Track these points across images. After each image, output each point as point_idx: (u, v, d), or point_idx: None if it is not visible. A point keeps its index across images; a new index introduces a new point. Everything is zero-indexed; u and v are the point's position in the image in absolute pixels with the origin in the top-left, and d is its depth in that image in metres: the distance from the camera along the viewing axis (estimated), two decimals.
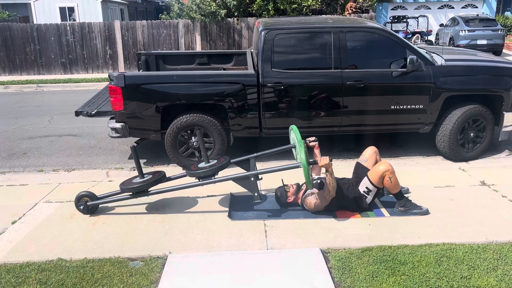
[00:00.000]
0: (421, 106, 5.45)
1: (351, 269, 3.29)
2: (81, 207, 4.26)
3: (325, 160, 3.82)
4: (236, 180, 4.16)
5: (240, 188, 4.33)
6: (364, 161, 4.33)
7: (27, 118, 8.86)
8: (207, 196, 4.63)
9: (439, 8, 22.22)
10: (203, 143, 4.36)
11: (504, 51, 17.76)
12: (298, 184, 4.33)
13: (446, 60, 5.57)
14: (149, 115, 5.37)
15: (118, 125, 5.40)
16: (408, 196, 4.30)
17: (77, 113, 5.70)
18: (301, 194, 4.25)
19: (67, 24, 15.07)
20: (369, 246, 3.57)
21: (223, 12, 14.57)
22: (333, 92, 5.37)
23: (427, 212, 4.11)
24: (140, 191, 4.23)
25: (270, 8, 14.80)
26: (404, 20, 18.98)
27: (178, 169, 5.59)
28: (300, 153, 3.77)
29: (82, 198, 4.26)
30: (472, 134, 5.56)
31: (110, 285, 3.17)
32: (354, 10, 15.14)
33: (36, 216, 4.29)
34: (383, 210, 4.20)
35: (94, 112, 5.62)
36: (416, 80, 5.37)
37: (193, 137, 5.48)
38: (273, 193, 4.59)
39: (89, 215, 4.27)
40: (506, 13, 24.81)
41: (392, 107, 5.46)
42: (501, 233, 3.73)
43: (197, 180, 4.22)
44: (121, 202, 4.46)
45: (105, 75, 14.06)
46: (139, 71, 6.89)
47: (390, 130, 5.76)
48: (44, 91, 12.71)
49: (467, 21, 16.90)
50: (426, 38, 18.07)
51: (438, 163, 5.63)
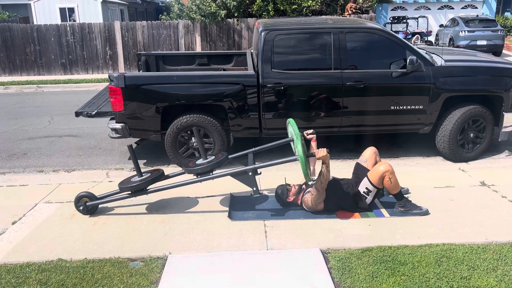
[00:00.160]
0: (421, 107, 5.46)
1: (351, 270, 3.29)
2: (81, 208, 4.26)
3: (323, 152, 3.81)
4: (234, 175, 4.15)
5: (240, 189, 4.34)
6: (364, 162, 4.34)
7: (27, 119, 8.87)
8: (207, 197, 4.63)
9: (439, 9, 22.25)
10: (201, 140, 4.35)
11: (504, 52, 17.77)
12: (300, 186, 4.32)
13: (446, 61, 5.58)
14: (149, 116, 5.38)
15: (118, 126, 5.40)
16: (408, 197, 4.31)
17: (77, 114, 5.71)
18: (301, 195, 4.25)
19: (67, 25, 15.08)
20: (369, 247, 3.57)
21: (223, 13, 14.58)
22: (333, 93, 5.38)
23: (427, 213, 4.11)
24: (139, 190, 4.23)
25: (270, 9, 14.81)
26: (404, 21, 18.99)
27: (178, 170, 5.58)
28: (297, 146, 3.77)
29: (82, 199, 4.27)
30: (472, 135, 5.57)
31: (110, 286, 3.17)
32: (354, 11, 15.15)
33: (36, 217, 4.29)
34: (383, 211, 4.21)
35: (94, 113, 5.63)
36: (416, 81, 5.37)
37: (193, 138, 5.48)
38: (273, 194, 4.60)
39: (89, 216, 4.27)
40: (506, 14, 24.83)
41: (392, 108, 5.46)
42: (501, 234, 3.74)
43: (196, 177, 4.23)
44: (121, 203, 4.47)
45: (105, 76, 14.07)
46: (139, 72, 6.90)
47: (390, 131, 5.77)
48: (44, 92, 12.71)
49: (467, 22, 16.91)
50: (426, 39, 18.08)
51: (438, 164, 5.64)
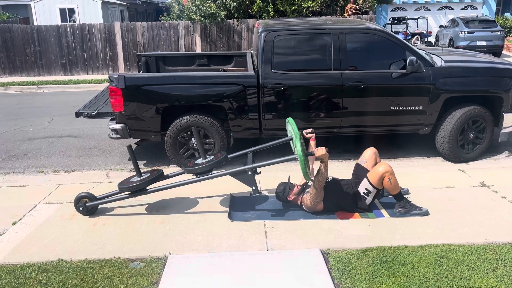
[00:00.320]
0: (421, 107, 5.46)
1: (351, 270, 3.29)
2: (81, 208, 4.26)
3: (322, 151, 3.80)
4: (234, 175, 4.16)
5: (240, 189, 4.34)
6: (364, 162, 4.34)
7: (27, 119, 8.87)
8: (207, 197, 4.63)
9: (439, 10, 22.27)
10: (200, 140, 4.35)
11: (504, 52, 17.78)
12: (303, 187, 4.32)
13: (446, 61, 5.59)
14: (149, 116, 5.38)
15: (118, 126, 5.41)
16: (408, 197, 4.31)
17: (77, 114, 5.71)
18: (302, 195, 4.24)
19: (67, 26, 15.09)
20: (369, 247, 3.57)
21: (223, 14, 14.58)
22: (333, 93, 5.38)
23: (427, 213, 4.11)
24: (138, 190, 4.23)
25: (270, 10, 14.81)
26: (404, 22, 19.00)
27: (178, 170, 5.58)
28: (296, 145, 3.78)
29: (81, 199, 4.27)
30: (472, 135, 5.57)
31: (111, 286, 3.18)
32: (354, 12, 15.15)
33: (37, 217, 4.29)
34: (383, 211, 4.21)
35: (95, 113, 5.64)
36: (416, 81, 5.37)
37: (193, 138, 5.49)
38: (273, 194, 4.60)
39: (89, 216, 4.27)
40: (506, 14, 24.86)
41: (392, 108, 5.47)
42: (501, 234, 3.74)
43: (195, 177, 4.23)
44: (121, 203, 4.47)
45: (105, 76, 14.07)
46: (139, 73, 6.90)
47: (390, 131, 5.77)
48: (44, 92, 12.72)
49: (467, 23, 16.92)
50: (426, 40, 18.09)
51: (438, 164, 5.64)
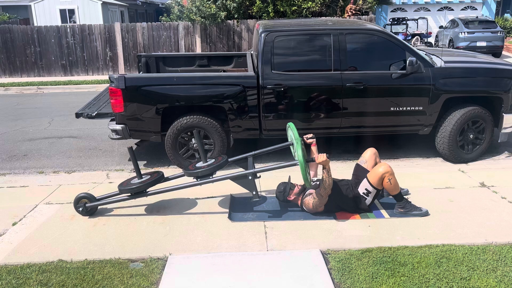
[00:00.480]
0: (421, 108, 5.47)
1: (351, 270, 3.29)
2: (80, 209, 4.27)
3: (323, 157, 3.81)
4: (234, 179, 4.16)
5: (240, 190, 4.34)
6: (364, 163, 4.34)
7: (28, 120, 8.88)
8: (207, 198, 4.64)
9: (439, 10, 22.28)
10: (201, 143, 4.36)
11: (504, 53, 17.79)
12: (303, 188, 4.33)
13: (446, 62, 5.59)
14: (150, 117, 5.39)
15: (119, 127, 5.41)
16: (408, 198, 4.32)
17: (78, 115, 5.72)
18: (302, 196, 4.25)
19: (68, 26, 15.10)
20: (369, 247, 3.58)
21: (223, 14, 14.59)
22: (333, 94, 5.39)
23: (427, 214, 4.11)
24: (139, 192, 4.24)
25: (270, 10, 14.82)
26: (404, 22, 19.02)
27: (178, 171, 5.59)
28: (297, 151, 3.78)
29: (81, 200, 4.27)
30: (472, 136, 5.57)
31: (111, 286, 3.18)
32: (354, 12, 15.17)
33: (37, 218, 4.30)
34: (383, 212, 4.21)
35: (95, 114, 5.64)
36: (416, 82, 5.38)
37: (193, 139, 5.49)
38: (273, 195, 4.61)
39: (89, 217, 4.28)
40: (506, 15, 24.88)
41: (392, 109, 5.47)
42: (501, 234, 3.75)
43: (195, 180, 4.23)
44: (121, 204, 4.47)
45: (105, 77, 14.09)
46: (140, 73, 6.91)
47: (390, 132, 5.77)
48: (44, 93, 12.73)
49: (467, 23, 16.94)
50: (426, 40, 18.10)
51: (438, 165, 5.64)
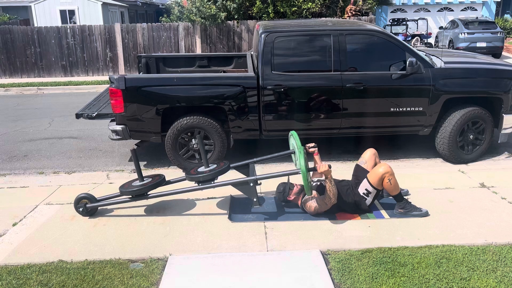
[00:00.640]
0: (421, 108, 5.47)
1: (351, 271, 3.30)
2: (81, 209, 4.27)
3: (325, 167, 3.84)
4: (235, 185, 4.19)
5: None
6: (364, 163, 4.35)
7: (28, 121, 8.88)
8: (207, 198, 4.64)
9: (439, 11, 22.29)
10: (204, 147, 4.37)
11: (504, 54, 17.79)
12: (302, 186, 4.33)
13: (446, 63, 5.60)
14: (150, 118, 5.39)
15: (119, 128, 5.42)
16: (408, 198, 4.32)
17: (78, 116, 5.72)
18: (302, 196, 4.26)
19: (68, 27, 15.11)
20: (369, 248, 3.58)
21: (223, 15, 14.60)
22: (333, 95, 5.39)
23: (427, 214, 4.12)
24: (140, 195, 4.25)
25: (270, 11, 14.83)
26: (404, 23, 19.02)
27: (178, 171, 5.61)
28: (300, 160, 3.79)
29: (81, 200, 4.28)
30: (472, 136, 5.58)
31: (111, 287, 3.18)
32: (354, 13, 15.17)
33: (37, 218, 4.30)
34: (383, 212, 4.21)
35: (95, 115, 5.64)
36: (416, 83, 5.38)
37: (193, 140, 5.50)
38: (273, 195, 4.61)
39: (89, 217, 4.28)
40: (506, 16, 24.89)
41: (392, 109, 5.47)
42: (501, 235, 3.75)
43: (197, 184, 4.24)
44: (122, 204, 4.47)
45: (106, 78, 14.10)
46: (140, 74, 6.91)
47: (390, 132, 5.78)
48: (45, 94, 12.74)
49: (467, 24, 16.95)
50: (426, 41, 18.11)
51: (438, 165, 5.65)
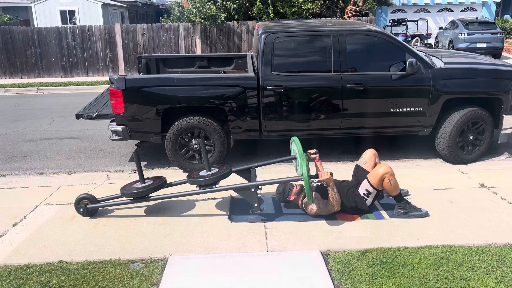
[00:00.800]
0: (421, 109, 5.47)
1: (351, 271, 3.30)
2: (81, 210, 4.27)
3: (326, 175, 3.87)
4: (237, 190, 4.20)
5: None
6: (364, 164, 4.35)
7: (28, 121, 8.88)
8: (207, 199, 4.64)
9: (439, 12, 22.31)
10: (206, 151, 4.34)
11: (504, 54, 17.80)
12: (302, 186, 4.34)
13: (445, 63, 5.60)
14: (150, 118, 5.39)
15: (119, 128, 5.42)
16: (408, 199, 4.32)
17: (78, 116, 5.72)
18: (302, 196, 4.26)
19: (68, 28, 15.12)
20: (369, 248, 3.58)
21: (223, 16, 14.61)
22: (333, 95, 5.39)
23: (427, 214, 4.12)
24: (141, 197, 4.25)
25: (270, 12, 14.84)
26: (404, 23, 19.04)
27: (179, 172, 5.61)
28: (302, 167, 3.80)
29: (82, 201, 4.28)
30: (472, 137, 5.58)
31: (111, 287, 3.18)
32: (354, 14, 15.18)
33: (37, 219, 4.30)
34: (383, 212, 4.22)
35: (95, 115, 5.64)
36: (416, 83, 5.39)
37: (193, 140, 5.50)
38: (273, 196, 4.61)
39: (90, 218, 4.28)
40: (506, 16, 24.90)
41: (392, 110, 5.47)
42: (500, 235, 3.75)
43: (198, 188, 4.24)
44: (122, 205, 4.47)
45: (106, 78, 14.10)
46: (140, 74, 6.92)
47: (390, 133, 5.78)
48: (45, 94, 12.74)
49: (467, 24, 16.96)
50: (426, 41, 18.12)
51: (438, 166, 5.65)
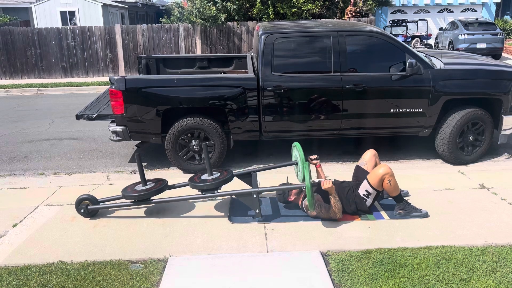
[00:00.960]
0: (421, 110, 5.48)
1: (351, 272, 3.30)
2: (82, 211, 4.27)
3: (328, 184, 3.89)
4: (239, 196, 4.21)
5: (240, 189, 4.35)
6: (364, 164, 4.35)
7: (28, 122, 8.89)
8: (207, 200, 4.64)
9: (439, 12, 22.30)
10: (208, 155, 4.32)
11: (504, 55, 17.80)
12: (301, 186, 4.33)
13: (445, 64, 5.60)
14: (150, 119, 5.39)
15: (119, 129, 5.42)
16: (408, 199, 4.32)
17: (78, 117, 5.72)
18: (302, 196, 4.26)
19: (68, 28, 15.13)
20: (369, 249, 3.58)
21: (223, 16, 14.62)
22: (333, 96, 5.39)
23: (427, 215, 4.12)
24: (142, 200, 4.24)
25: (270, 12, 14.85)
26: (404, 24, 19.04)
27: (179, 172, 5.62)
28: (305, 175, 3.80)
29: (83, 202, 4.28)
30: (472, 137, 5.58)
31: None
32: (354, 14, 15.19)
33: (37, 219, 4.30)
34: (383, 213, 4.22)
35: (95, 116, 5.65)
36: (415, 84, 5.39)
37: (193, 141, 5.50)
38: (273, 196, 4.61)
39: (90, 218, 4.28)
40: (505, 17, 24.91)
41: (392, 111, 5.48)
42: (500, 236, 3.75)
43: (200, 193, 4.23)
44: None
45: (106, 79, 14.11)
46: (140, 75, 6.92)
47: (390, 133, 5.78)
48: (45, 95, 12.74)
49: (467, 25, 16.96)
50: (426, 42, 18.13)
51: (438, 166, 5.65)
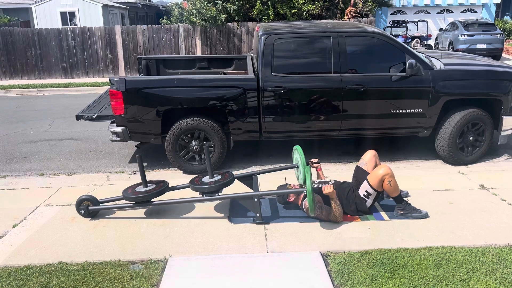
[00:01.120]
0: (420, 110, 5.48)
1: (351, 272, 3.30)
2: (82, 211, 4.28)
3: (329, 189, 3.89)
4: (240, 199, 4.21)
5: (240, 191, 4.35)
6: (364, 165, 4.35)
7: (28, 122, 8.89)
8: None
9: (439, 13, 22.31)
10: (209, 158, 4.32)
11: (504, 56, 17.80)
12: (301, 186, 4.35)
13: (445, 65, 5.61)
14: (150, 119, 5.40)
15: (119, 129, 5.42)
16: (408, 200, 4.32)
17: (78, 117, 5.72)
18: (302, 196, 4.26)
19: (68, 29, 15.14)
20: (369, 249, 3.58)
21: (224, 17, 14.63)
22: (333, 96, 5.40)
23: (427, 216, 4.12)
24: (143, 201, 4.24)
25: (270, 13, 14.86)
26: (404, 25, 19.04)
27: (179, 173, 5.62)
28: (307, 179, 3.81)
29: (83, 202, 4.28)
30: (471, 138, 5.58)
31: None
32: (354, 15, 15.21)
33: (37, 220, 4.30)
34: (383, 214, 4.22)
35: (95, 116, 5.65)
36: (415, 84, 5.39)
37: (193, 141, 5.50)
38: (272, 197, 4.61)
39: (90, 219, 4.28)
40: (505, 18, 24.93)
41: (392, 111, 5.48)
42: (500, 237, 3.75)
43: (200, 195, 4.22)
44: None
45: (106, 79, 14.12)
46: (140, 76, 6.92)
47: (390, 134, 5.78)
48: (45, 95, 12.75)
49: (467, 26, 16.96)
50: (426, 43, 18.13)
51: (438, 167, 5.65)
